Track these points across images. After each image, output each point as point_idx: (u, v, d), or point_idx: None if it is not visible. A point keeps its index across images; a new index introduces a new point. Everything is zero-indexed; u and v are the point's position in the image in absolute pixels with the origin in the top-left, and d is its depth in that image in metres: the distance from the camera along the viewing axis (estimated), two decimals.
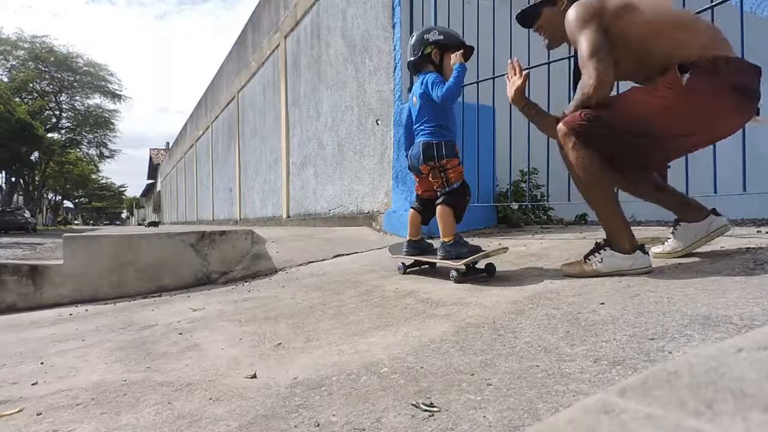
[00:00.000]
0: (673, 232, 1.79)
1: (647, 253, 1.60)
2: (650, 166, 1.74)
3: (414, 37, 2.09)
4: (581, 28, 1.56)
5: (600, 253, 1.61)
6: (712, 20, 2.11)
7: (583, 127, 1.56)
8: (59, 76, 29.19)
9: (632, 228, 1.63)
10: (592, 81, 1.50)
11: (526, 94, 1.88)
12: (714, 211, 1.71)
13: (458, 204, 1.97)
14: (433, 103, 1.98)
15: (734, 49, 2.06)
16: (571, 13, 1.61)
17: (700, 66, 1.42)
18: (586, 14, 1.56)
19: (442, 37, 2.03)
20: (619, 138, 1.54)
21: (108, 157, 34.74)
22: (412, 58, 2.09)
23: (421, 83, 2.03)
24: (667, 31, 1.51)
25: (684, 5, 2.24)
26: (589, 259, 1.64)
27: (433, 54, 2.04)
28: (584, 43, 1.53)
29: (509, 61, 1.91)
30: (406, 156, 2.19)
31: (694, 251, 1.78)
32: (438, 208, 1.97)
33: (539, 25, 1.83)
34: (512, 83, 1.84)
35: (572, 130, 1.58)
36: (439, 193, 1.99)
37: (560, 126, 1.63)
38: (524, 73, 1.87)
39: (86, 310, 2.47)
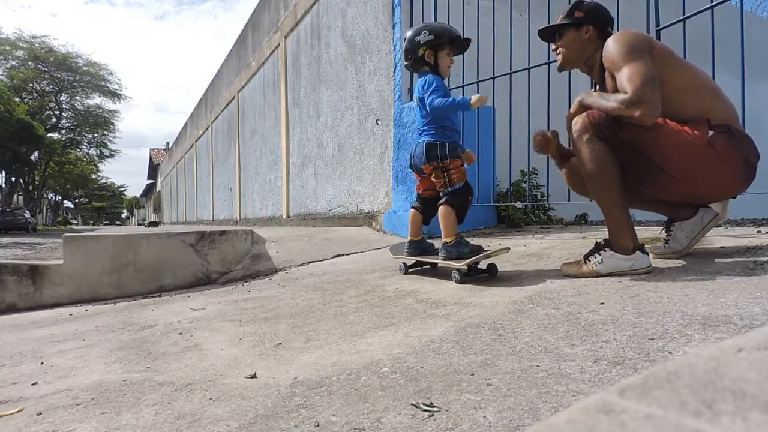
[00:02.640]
0: (669, 234, 1.80)
1: (647, 253, 1.61)
2: (644, 186, 1.73)
3: (407, 39, 2.06)
4: (633, 56, 1.53)
5: (600, 254, 1.62)
6: (712, 20, 2.11)
7: (602, 125, 1.58)
8: (59, 76, 29.17)
9: (634, 228, 1.63)
10: (637, 107, 1.47)
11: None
12: (702, 204, 1.72)
13: (461, 204, 1.97)
14: None
15: (734, 49, 2.07)
16: (621, 38, 1.59)
17: (726, 132, 1.49)
18: (639, 44, 1.56)
19: (432, 37, 2.00)
20: (628, 149, 1.57)
21: (108, 157, 34.74)
22: (408, 63, 2.09)
23: (420, 86, 2.02)
24: (707, 93, 1.57)
25: (684, 5, 2.24)
26: (589, 260, 1.65)
27: (426, 55, 2.03)
28: (637, 68, 1.50)
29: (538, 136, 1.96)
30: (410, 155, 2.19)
31: (695, 251, 1.78)
32: (440, 208, 1.97)
33: (558, 46, 1.85)
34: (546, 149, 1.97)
35: (592, 124, 1.59)
36: (441, 194, 1.99)
37: (579, 119, 1.63)
38: (552, 133, 1.95)
39: (86, 310, 2.47)
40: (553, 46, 1.89)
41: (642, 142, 1.54)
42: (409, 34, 2.07)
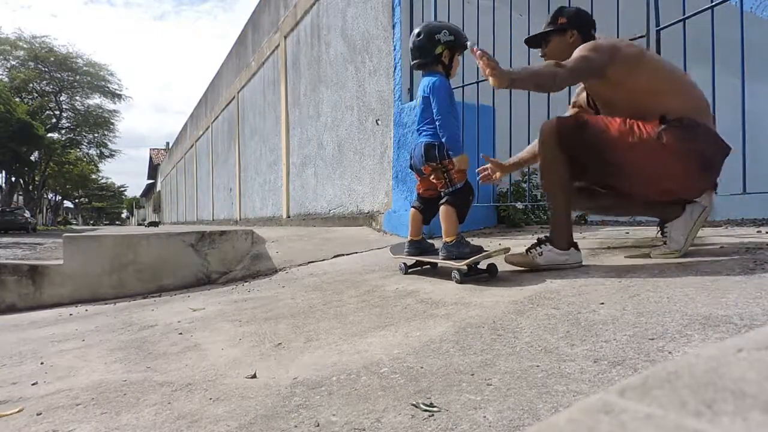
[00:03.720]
0: (664, 235, 1.85)
1: (579, 250, 1.82)
2: (614, 186, 1.84)
3: (421, 36, 1.98)
4: (581, 52, 1.68)
5: (540, 247, 1.80)
6: (712, 20, 2.11)
7: (569, 131, 1.71)
8: (59, 76, 29.17)
9: (632, 228, 1.64)
10: (557, 78, 1.61)
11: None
12: (688, 201, 1.76)
13: (462, 204, 1.97)
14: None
15: (734, 49, 2.07)
16: (586, 44, 1.72)
17: (677, 125, 1.59)
18: (597, 47, 1.69)
19: (452, 38, 1.97)
20: (593, 153, 1.70)
21: (108, 157, 34.74)
22: (422, 60, 2.01)
23: (427, 86, 1.98)
24: (667, 94, 1.67)
25: (684, 5, 2.24)
26: (531, 252, 1.82)
27: (443, 55, 1.99)
28: (577, 58, 1.66)
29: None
30: (410, 155, 2.18)
31: (695, 251, 1.78)
32: (441, 208, 1.97)
33: (545, 52, 1.93)
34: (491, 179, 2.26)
35: (559, 132, 1.72)
36: (443, 194, 1.99)
37: (548, 125, 1.76)
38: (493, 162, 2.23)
39: (86, 310, 2.47)
40: (539, 53, 1.96)
41: (603, 143, 1.66)
42: (421, 30, 2.00)
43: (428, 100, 1.97)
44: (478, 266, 1.93)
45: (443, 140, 1.92)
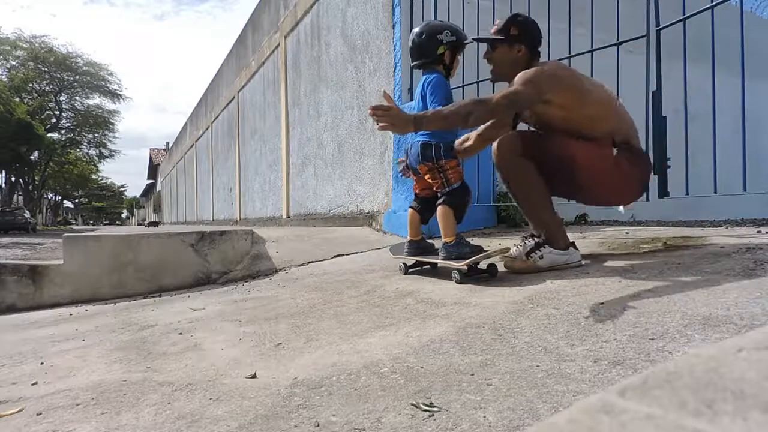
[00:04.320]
0: (530, 243, 1.94)
1: (577, 249, 1.86)
2: (565, 193, 1.98)
3: (423, 36, 1.98)
4: (518, 83, 1.72)
5: (541, 250, 1.82)
6: (712, 20, 2.11)
7: (532, 143, 1.78)
8: (59, 76, 29.17)
9: (632, 228, 1.64)
10: (491, 105, 1.68)
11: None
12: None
13: (459, 204, 1.96)
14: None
15: (734, 49, 2.07)
16: (528, 72, 1.75)
17: (627, 150, 1.76)
18: (536, 78, 1.72)
19: (454, 39, 1.99)
20: (555, 163, 1.77)
21: (107, 157, 34.75)
22: (423, 60, 2.01)
23: (426, 83, 1.98)
24: (612, 119, 1.79)
25: (684, 5, 2.24)
26: (531, 256, 1.83)
27: (444, 55, 2.00)
28: (517, 88, 1.71)
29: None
30: (405, 154, 2.18)
31: (695, 251, 1.78)
32: (438, 209, 1.96)
33: (491, 57, 1.93)
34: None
35: (523, 143, 1.78)
36: (439, 194, 1.99)
37: (507, 139, 1.81)
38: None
39: (86, 310, 2.47)
40: (483, 52, 1.97)
41: (564, 157, 1.75)
42: (423, 30, 2.00)
43: (425, 99, 1.98)
44: (478, 266, 1.93)
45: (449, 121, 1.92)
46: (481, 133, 2.08)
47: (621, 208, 2.00)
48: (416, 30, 2.04)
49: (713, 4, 2.12)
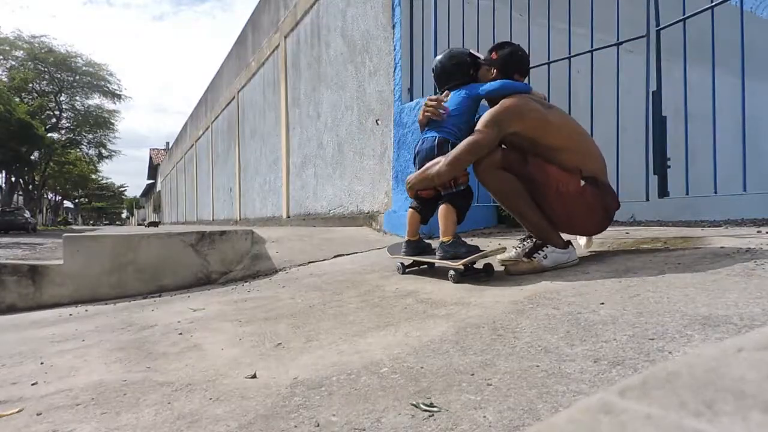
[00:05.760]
0: (528, 244, 2.01)
1: (574, 247, 1.92)
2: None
3: (455, 61, 2.09)
4: (483, 125, 1.84)
5: (543, 251, 1.87)
6: (712, 20, 2.12)
7: (513, 162, 1.86)
8: (59, 76, 29.14)
9: (632, 228, 1.64)
10: (461, 160, 1.86)
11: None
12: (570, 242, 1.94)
13: (463, 205, 1.98)
14: (472, 109, 2.04)
15: (734, 49, 2.07)
16: (496, 108, 1.86)
17: (594, 184, 1.83)
18: (501, 118, 1.83)
19: (480, 57, 2.10)
20: (531, 183, 1.85)
21: (107, 157, 34.74)
22: (461, 79, 2.08)
23: (489, 89, 2.01)
24: (580, 152, 1.87)
25: (684, 5, 2.24)
26: (534, 257, 1.88)
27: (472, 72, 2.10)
28: (477, 137, 1.84)
29: None
30: (415, 152, 2.16)
31: (694, 251, 1.78)
32: (442, 207, 1.97)
33: (479, 73, 2.08)
34: None
35: (504, 159, 1.85)
36: (444, 192, 1.99)
37: (487, 158, 1.86)
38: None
39: (86, 311, 2.47)
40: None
41: (538, 175, 1.83)
42: (454, 54, 2.12)
43: (476, 103, 2.04)
44: (475, 266, 1.93)
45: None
46: None
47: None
48: (442, 57, 2.14)
49: (713, 4, 2.12)
